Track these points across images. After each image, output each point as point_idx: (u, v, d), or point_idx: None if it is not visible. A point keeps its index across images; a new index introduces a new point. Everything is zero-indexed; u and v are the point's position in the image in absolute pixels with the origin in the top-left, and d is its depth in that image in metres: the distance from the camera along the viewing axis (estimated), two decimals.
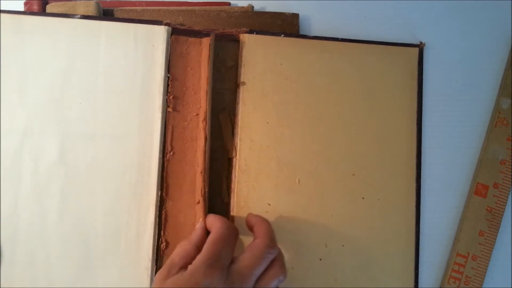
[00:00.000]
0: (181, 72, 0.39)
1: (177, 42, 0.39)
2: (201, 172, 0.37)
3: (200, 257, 0.30)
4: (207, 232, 0.34)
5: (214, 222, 0.33)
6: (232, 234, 0.32)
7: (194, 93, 0.39)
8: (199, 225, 0.35)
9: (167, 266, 0.31)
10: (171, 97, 0.38)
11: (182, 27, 0.40)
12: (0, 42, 0.38)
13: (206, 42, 0.39)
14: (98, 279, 0.37)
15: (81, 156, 0.37)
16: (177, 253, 0.32)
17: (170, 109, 0.38)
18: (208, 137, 0.37)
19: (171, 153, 0.38)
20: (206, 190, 0.37)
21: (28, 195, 0.37)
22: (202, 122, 0.38)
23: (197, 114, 0.39)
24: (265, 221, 0.34)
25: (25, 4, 0.41)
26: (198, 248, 0.32)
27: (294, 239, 0.39)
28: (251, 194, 0.39)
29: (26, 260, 0.36)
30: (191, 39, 0.39)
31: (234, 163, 0.39)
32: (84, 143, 0.38)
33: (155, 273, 0.37)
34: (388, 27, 0.44)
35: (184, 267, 0.31)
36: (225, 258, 0.31)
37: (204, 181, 0.37)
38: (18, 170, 0.37)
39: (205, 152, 0.37)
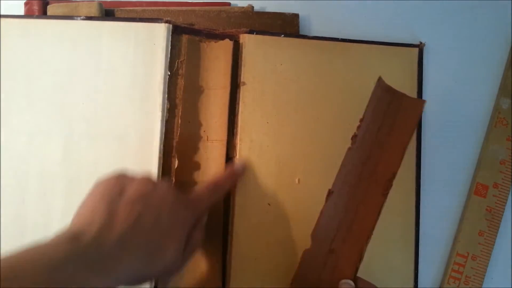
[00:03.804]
0: None
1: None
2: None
3: None
4: None
5: None
6: None
7: None
8: None
9: None
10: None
11: (183, 25, 0.40)
12: (5, 46, 0.38)
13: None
14: None
15: (84, 156, 0.38)
16: None
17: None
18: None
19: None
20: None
21: (34, 194, 0.37)
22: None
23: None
24: None
25: (26, 4, 0.41)
26: None
27: (294, 239, 0.39)
28: (251, 194, 0.39)
29: None
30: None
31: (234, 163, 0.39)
32: (87, 143, 0.38)
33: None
34: (388, 27, 0.44)
35: None
36: None
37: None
38: (25, 170, 0.38)
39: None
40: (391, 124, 0.35)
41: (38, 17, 0.40)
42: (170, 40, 0.39)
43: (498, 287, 0.42)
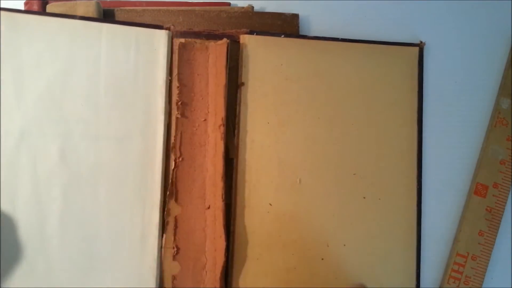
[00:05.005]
0: (188, 78, 0.39)
1: (185, 48, 0.39)
2: (222, 178, 0.37)
3: None
4: None
5: None
6: None
7: (202, 98, 0.39)
8: None
9: None
10: (179, 103, 0.38)
11: (183, 30, 0.40)
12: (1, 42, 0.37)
13: (219, 48, 0.39)
14: (103, 280, 0.37)
15: (83, 158, 0.37)
16: None
17: (178, 115, 0.38)
18: (225, 142, 0.38)
19: (180, 159, 0.38)
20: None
21: (27, 199, 0.36)
22: (220, 128, 0.38)
23: (205, 120, 0.39)
24: None
25: (25, 4, 0.41)
26: None
27: (295, 238, 0.39)
28: (252, 194, 0.39)
29: (25, 268, 0.36)
30: (198, 46, 0.39)
31: (235, 164, 0.39)
32: (86, 145, 0.37)
33: (159, 274, 0.37)
34: (388, 27, 0.44)
35: None
36: None
37: (224, 186, 0.37)
38: (14, 173, 0.36)
39: (223, 157, 0.37)
40: (205, 74, 0.39)
41: (32, 12, 0.39)
42: (170, 45, 0.39)
43: (498, 287, 0.43)
